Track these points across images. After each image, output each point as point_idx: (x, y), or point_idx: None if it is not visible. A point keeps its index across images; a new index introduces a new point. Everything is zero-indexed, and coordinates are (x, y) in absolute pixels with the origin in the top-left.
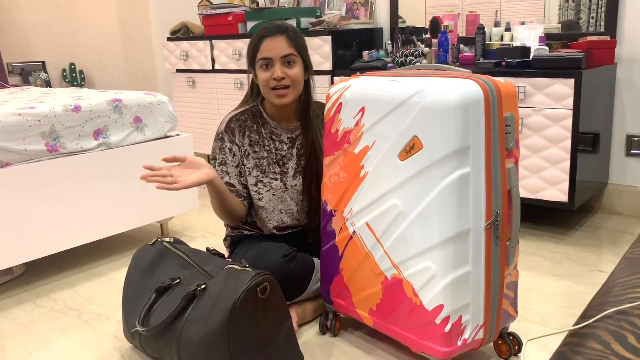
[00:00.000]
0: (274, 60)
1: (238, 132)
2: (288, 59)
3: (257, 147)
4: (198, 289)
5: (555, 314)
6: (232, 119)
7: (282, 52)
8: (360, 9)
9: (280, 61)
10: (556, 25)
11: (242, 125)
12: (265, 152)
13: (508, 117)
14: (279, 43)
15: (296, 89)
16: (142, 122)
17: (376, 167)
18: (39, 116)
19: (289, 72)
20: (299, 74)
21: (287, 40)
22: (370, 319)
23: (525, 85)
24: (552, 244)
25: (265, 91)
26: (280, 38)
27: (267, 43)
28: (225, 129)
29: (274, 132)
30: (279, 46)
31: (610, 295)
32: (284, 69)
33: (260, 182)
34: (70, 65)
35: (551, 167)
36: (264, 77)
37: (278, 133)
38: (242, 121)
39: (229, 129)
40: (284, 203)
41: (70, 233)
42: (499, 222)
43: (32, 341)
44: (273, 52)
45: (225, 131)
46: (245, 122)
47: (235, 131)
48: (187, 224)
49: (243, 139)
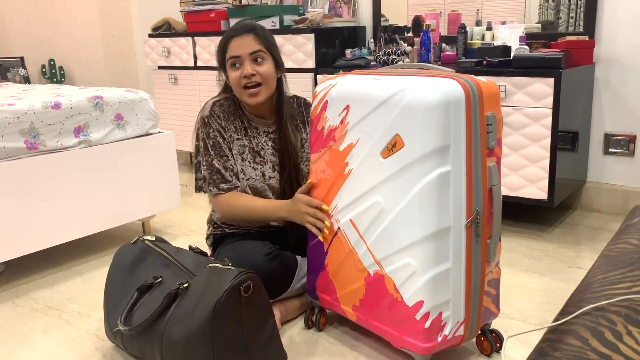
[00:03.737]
0: (243, 58)
1: (223, 117)
2: (257, 56)
3: (239, 135)
4: (180, 288)
5: (534, 310)
6: (216, 103)
7: (250, 49)
8: (343, 7)
9: (250, 58)
10: (536, 24)
11: (226, 111)
12: (246, 141)
13: (489, 117)
14: (246, 41)
15: (268, 86)
16: (123, 120)
17: (360, 165)
18: (18, 113)
19: (259, 69)
20: (270, 70)
21: (255, 38)
22: (353, 314)
23: (505, 84)
24: (531, 241)
25: (238, 91)
26: (247, 37)
27: (235, 42)
28: (210, 113)
29: (251, 124)
30: (247, 44)
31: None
32: (254, 66)
33: (241, 172)
34: (50, 61)
35: (531, 165)
36: (234, 76)
37: (255, 125)
38: (225, 107)
39: (214, 113)
40: (263, 194)
41: (51, 231)
42: (479, 220)
43: (12, 341)
44: (241, 50)
45: (211, 115)
46: (228, 108)
47: (220, 116)
48: (169, 222)
49: (227, 124)
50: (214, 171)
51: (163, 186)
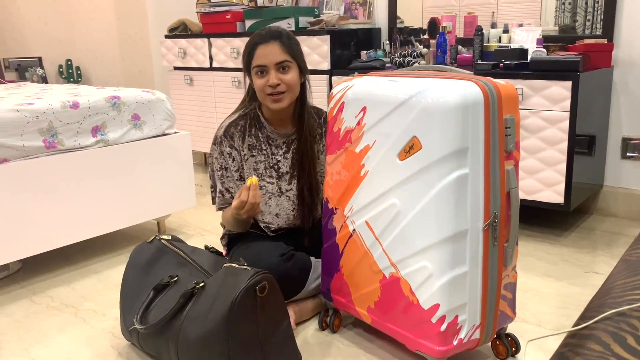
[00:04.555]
0: (269, 67)
1: (238, 137)
2: (283, 65)
3: (255, 152)
4: (196, 287)
5: (550, 315)
6: (232, 124)
7: (276, 58)
8: (359, 8)
9: (275, 67)
10: (554, 27)
11: (241, 130)
12: (263, 157)
13: (508, 119)
14: (272, 50)
15: (292, 93)
16: (140, 120)
17: (376, 167)
18: (37, 112)
19: (284, 77)
20: (294, 78)
21: (281, 46)
22: (368, 316)
23: (522, 87)
24: (547, 245)
25: (262, 97)
26: (273, 44)
27: (261, 50)
28: (224, 133)
29: (270, 137)
30: (273, 53)
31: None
32: (279, 75)
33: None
34: (67, 61)
35: (547, 168)
36: (259, 84)
37: (274, 138)
38: (240, 126)
39: (227, 133)
40: (280, 207)
41: (67, 230)
42: (497, 223)
43: (29, 338)
44: (267, 59)
45: (224, 136)
46: (244, 126)
47: (234, 136)
48: (184, 221)
49: (242, 143)
50: (217, 191)
51: (178, 186)
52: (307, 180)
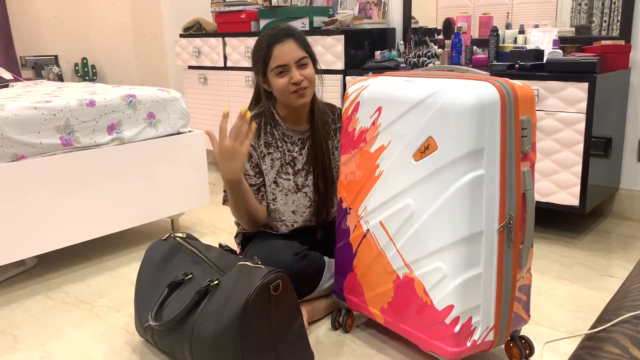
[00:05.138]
0: (290, 65)
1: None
2: (302, 62)
3: (271, 149)
4: (211, 285)
5: (564, 318)
6: None
7: (296, 56)
8: (373, 8)
9: (296, 65)
10: (570, 28)
11: (258, 127)
12: (279, 154)
13: (524, 120)
14: (290, 48)
15: (313, 87)
16: (155, 118)
17: (391, 167)
18: (55, 110)
19: (305, 73)
20: (313, 72)
21: (297, 43)
22: (381, 316)
23: (538, 89)
24: (562, 248)
25: (284, 95)
26: (290, 42)
27: (278, 49)
28: None
29: (286, 134)
30: (292, 51)
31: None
32: (300, 71)
33: (274, 183)
34: (83, 59)
35: (563, 170)
36: (281, 83)
37: (289, 135)
38: (256, 124)
39: None
40: (296, 203)
41: (82, 227)
42: (512, 225)
43: (45, 332)
44: (287, 57)
45: None
46: (259, 124)
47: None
48: (197, 220)
49: (259, 140)
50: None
51: (192, 184)
52: (321, 174)
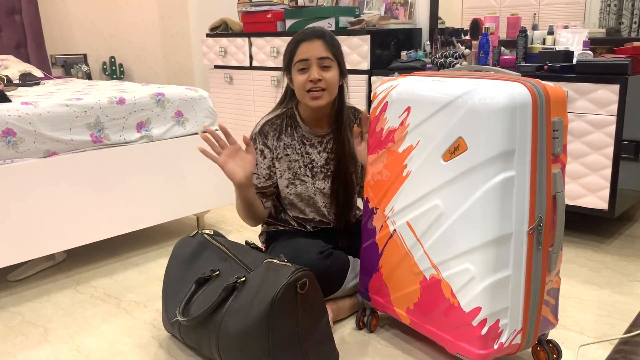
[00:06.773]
0: (311, 61)
1: (272, 135)
2: (324, 63)
3: (290, 150)
4: (238, 282)
5: (593, 323)
6: (267, 122)
7: (319, 54)
8: (400, 9)
9: (317, 63)
10: (600, 29)
11: (277, 129)
12: (297, 155)
13: (556, 122)
14: (316, 46)
15: (331, 93)
16: (183, 117)
17: (419, 167)
18: (86, 107)
19: (325, 74)
20: (335, 77)
21: (324, 44)
22: (407, 317)
23: (567, 90)
24: (590, 252)
25: (301, 94)
26: (317, 42)
27: (304, 46)
28: (259, 131)
29: (305, 137)
30: (316, 48)
31: None
32: (320, 71)
33: (291, 184)
34: (111, 58)
35: (592, 174)
36: (300, 80)
37: (309, 137)
38: (277, 125)
39: (262, 131)
40: (314, 205)
41: (110, 222)
42: (542, 227)
43: (74, 326)
44: (310, 53)
45: (259, 133)
46: (280, 125)
47: (269, 134)
48: (223, 217)
49: (276, 142)
50: None
51: (218, 182)
52: (342, 182)
